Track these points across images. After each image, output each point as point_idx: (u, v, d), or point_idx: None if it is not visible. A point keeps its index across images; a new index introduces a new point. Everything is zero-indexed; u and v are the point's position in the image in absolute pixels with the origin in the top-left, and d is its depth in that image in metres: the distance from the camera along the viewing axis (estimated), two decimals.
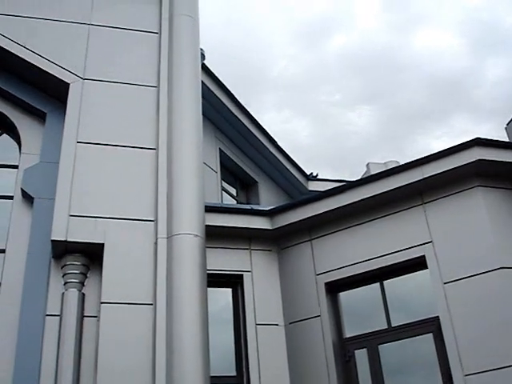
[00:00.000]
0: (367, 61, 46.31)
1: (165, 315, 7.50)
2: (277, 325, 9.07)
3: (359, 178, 14.92)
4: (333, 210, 9.15)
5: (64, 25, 9.81)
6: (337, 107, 47.06)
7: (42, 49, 9.42)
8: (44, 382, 7.43)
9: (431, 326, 8.30)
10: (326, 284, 9.06)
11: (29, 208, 8.74)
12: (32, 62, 9.32)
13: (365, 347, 8.68)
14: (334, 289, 9.17)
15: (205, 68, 12.12)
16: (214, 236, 8.87)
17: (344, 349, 8.79)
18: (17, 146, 9.55)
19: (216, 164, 12.91)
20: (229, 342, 9.10)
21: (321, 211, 9.22)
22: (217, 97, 12.65)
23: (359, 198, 8.98)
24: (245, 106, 13.61)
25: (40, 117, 9.53)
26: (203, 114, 9.50)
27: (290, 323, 9.05)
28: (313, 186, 16.77)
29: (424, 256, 8.47)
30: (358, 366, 8.63)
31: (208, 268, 8.07)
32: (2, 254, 8.53)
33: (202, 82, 10.10)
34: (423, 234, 8.58)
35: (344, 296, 9.22)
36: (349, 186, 9.30)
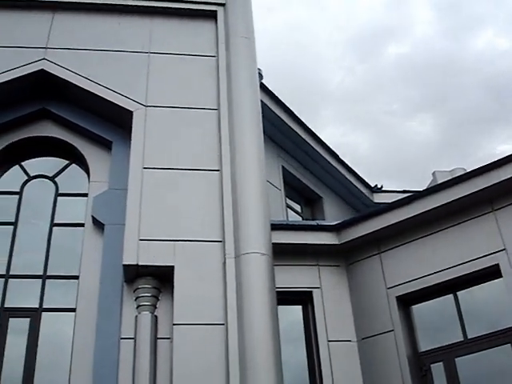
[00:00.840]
0: (424, 67, 45.53)
1: (236, 335, 7.52)
2: (349, 341, 8.95)
3: (425, 187, 14.63)
4: (401, 221, 8.99)
5: (124, 55, 10.11)
6: (396, 117, 46.40)
7: (104, 79, 9.73)
8: None
9: (509, 336, 8.01)
10: (398, 298, 8.88)
11: (100, 234, 8.99)
12: (96, 92, 9.65)
13: (441, 361, 8.44)
14: (406, 302, 8.98)
15: (263, 87, 12.22)
16: (282, 254, 8.84)
17: (419, 363, 8.58)
18: (85, 175, 9.86)
19: (279, 181, 12.94)
20: (301, 359, 9.03)
21: (388, 223, 9.07)
22: (277, 115, 12.72)
23: (427, 208, 8.79)
24: (305, 122, 13.62)
25: (106, 145, 9.83)
26: (264, 132, 9.57)
27: (363, 339, 8.91)
28: (378, 199, 16.55)
29: (498, 264, 8.20)
30: (434, 381, 8.41)
31: (277, 286, 8.07)
32: (76, 280, 8.79)
33: (262, 101, 10.17)
34: (496, 242, 8.31)
35: (417, 309, 9.02)
36: (416, 196, 9.13)
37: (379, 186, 16.98)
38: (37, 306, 8.74)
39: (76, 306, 8.56)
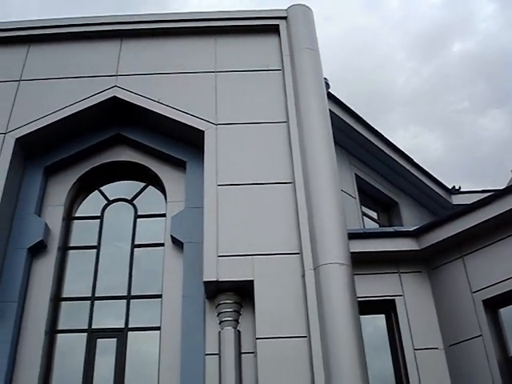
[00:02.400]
0: (491, 62, 44.05)
1: (320, 346, 7.48)
2: (436, 348, 8.71)
3: (505, 186, 14.13)
4: (482, 222, 8.71)
5: (192, 76, 10.33)
6: (467, 115, 45.06)
7: (174, 101, 9.96)
8: None
9: None
10: (485, 301, 8.59)
11: (179, 253, 9.16)
12: (167, 115, 9.89)
13: None
14: (493, 305, 8.66)
15: (331, 96, 12.18)
16: (361, 263, 8.74)
17: (511, 368, 8.24)
18: (162, 196, 10.09)
19: (353, 189, 12.82)
20: (388, 369, 8.86)
21: (470, 225, 8.80)
22: (346, 123, 12.64)
23: (510, 207, 8.49)
24: (375, 128, 13.46)
25: (181, 165, 10.03)
26: (335, 141, 9.53)
27: (450, 345, 8.66)
28: (457, 200, 16.09)
29: None
30: None
31: (358, 295, 7.97)
32: (159, 299, 8.98)
33: (330, 110, 10.15)
34: None
35: (505, 312, 8.69)
36: (497, 195, 8.82)
37: (457, 188, 16.52)
38: (123, 326, 8.99)
39: (160, 325, 8.73)
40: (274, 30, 10.82)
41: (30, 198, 9.65)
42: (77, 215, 10.15)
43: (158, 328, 8.75)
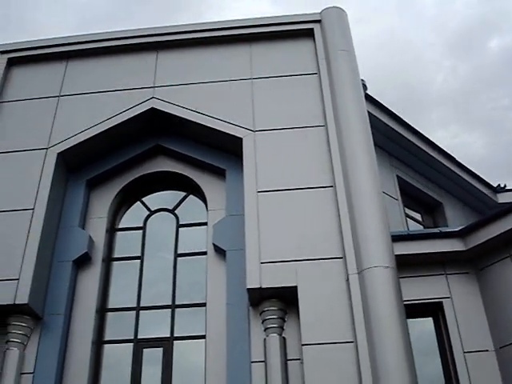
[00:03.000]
0: None
1: (367, 352, 7.36)
2: (486, 350, 8.49)
3: None
4: None
5: (228, 84, 10.35)
6: (507, 111, 44.05)
7: (212, 110, 10.00)
8: None
9: None
10: None
11: (222, 261, 9.16)
12: (205, 123, 9.93)
13: None
14: None
15: (369, 98, 12.05)
16: (406, 265, 8.60)
17: None
18: (203, 205, 10.12)
19: (396, 191, 12.64)
20: (437, 372, 8.68)
21: None
22: (385, 124, 12.50)
23: None
24: (416, 128, 13.27)
25: (220, 174, 10.06)
26: (374, 143, 9.41)
27: (501, 347, 8.43)
28: (503, 199, 15.72)
29: None
30: None
31: (404, 299, 7.83)
32: (204, 308, 8.99)
33: (368, 111, 10.04)
34: None
35: None
36: None
37: (502, 186, 16.14)
38: (168, 335, 9.02)
39: (205, 333, 8.74)
40: (308, 33, 10.78)
41: (73, 210, 9.79)
42: (120, 226, 10.27)
43: (203, 336, 8.77)
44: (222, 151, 10.09)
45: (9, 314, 8.56)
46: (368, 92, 12.38)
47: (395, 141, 12.95)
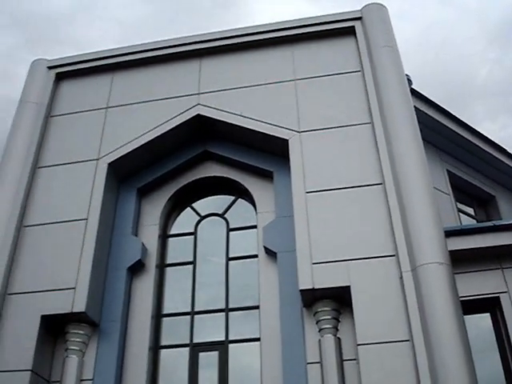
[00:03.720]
0: None
1: (424, 350, 7.25)
2: None
3: None
4: None
5: (272, 86, 10.37)
6: None
7: (256, 113, 10.04)
8: None
9: None
10: None
11: (273, 263, 9.18)
12: (250, 127, 9.98)
13: None
14: None
15: (414, 92, 11.89)
16: (460, 260, 8.41)
17: None
18: (252, 208, 10.16)
19: (446, 186, 12.43)
20: (497, 369, 8.46)
21: None
22: (433, 118, 12.29)
23: None
24: (464, 121, 13.01)
25: (268, 176, 10.09)
26: (422, 137, 9.27)
27: None
28: None
29: None
30: None
31: (460, 295, 7.69)
32: (257, 310, 9.02)
33: (415, 106, 9.90)
34: None
35: None
36: None
37: None
38: (223, 338, 9.09)
39: (260, 336, 8.76)
40: (350, 31, 10.71)
41: (125, 219, 9.98)
42: (171, 233, 10.41)
43: (258, 339, 8.80)
44: (268, 154, 10.11)
45: (67, 322, 8.78)
46: (413, 87, 12.21)
47: (444, 135, 12.73)
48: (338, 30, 10.80)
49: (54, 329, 8.84)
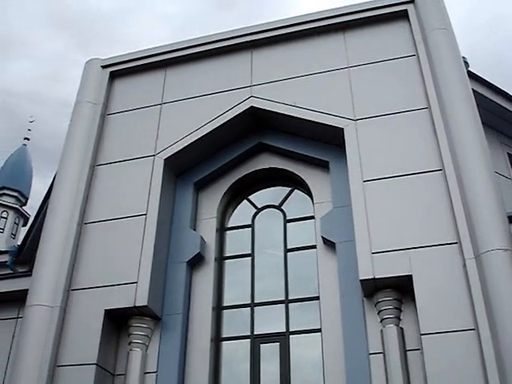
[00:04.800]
0: None
1: (490, 339, 7.06)
2: None
3: None
4: None
5: (325, 75, 10.25)
6: None
7: (310, 103, 9.94)
8: None
9: None
10: None
11: (332, 253, 9.11)
12: (304, 117, 9.89)
13: None
14: None
15: (471, 75, 11.55)
16: None
17: None
18: (309, 198, 10.10)
19: (508, 170, 12.06)
20: None
21: None
22: (492, 101, 11.92)
23: None
24: None
25: (323, 166, 10.00)
26: (482, 121, 9.00)
27: None
28: None
29: None
30: None
31: None
32: (317, 301, 8.98)
33: (472, 89, 9.61)
34: None
35: None
36: None
37: None
38: (284, 330, 9.09)
39: (321, 326, 8.73)
40: (402, 15, 10.46)
41: (183, 213, 10.09)
42: (229, 226, 10.47)
43: (319, 330, 8.77)
44: (323, 143, 10.02)
45: (130, 316, 8.96)
46: (470, 69, 11.87)
47: (504, 117, 12.34)
48: (391, 15, 10.56)
49: (117, 323, 9.04)
